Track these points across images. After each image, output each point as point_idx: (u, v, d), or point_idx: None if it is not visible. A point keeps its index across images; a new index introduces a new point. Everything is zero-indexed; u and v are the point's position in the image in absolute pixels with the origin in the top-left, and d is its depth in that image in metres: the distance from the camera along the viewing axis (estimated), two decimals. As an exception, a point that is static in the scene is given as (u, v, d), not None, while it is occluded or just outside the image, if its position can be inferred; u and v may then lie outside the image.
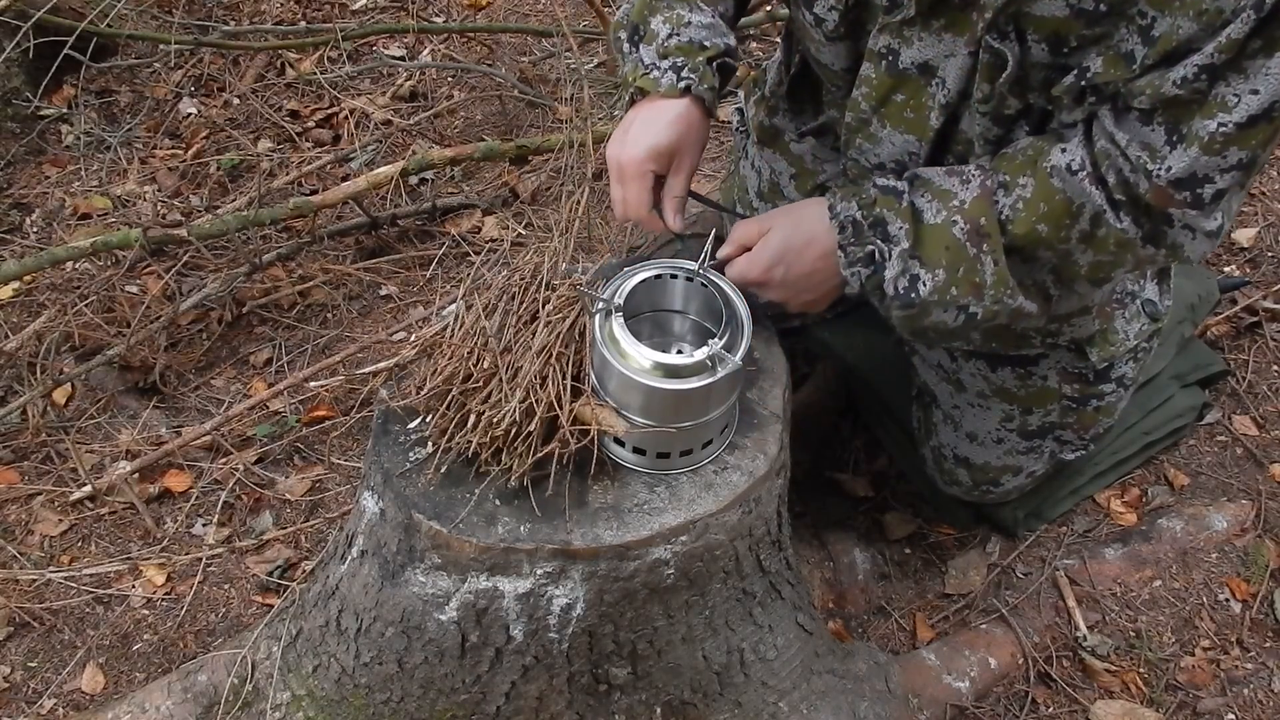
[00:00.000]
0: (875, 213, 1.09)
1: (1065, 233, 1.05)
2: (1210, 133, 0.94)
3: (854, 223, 1.09)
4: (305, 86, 2.59)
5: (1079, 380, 1.37)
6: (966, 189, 1.07)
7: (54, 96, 2.52)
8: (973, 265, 1.07)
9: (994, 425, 1.44)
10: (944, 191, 1.08)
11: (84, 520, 1.70)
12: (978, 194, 1.07)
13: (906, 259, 1.08)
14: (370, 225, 2.19)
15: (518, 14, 2.77)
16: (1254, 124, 0.93)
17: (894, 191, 1.10)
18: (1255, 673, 1.45)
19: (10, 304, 2.05)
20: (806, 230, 1.12)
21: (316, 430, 1.83)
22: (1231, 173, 0.97)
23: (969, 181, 1.08)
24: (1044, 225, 1.05)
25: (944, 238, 1.07)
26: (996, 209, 1.06)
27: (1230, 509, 1.60)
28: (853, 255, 1.09)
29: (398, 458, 1.07)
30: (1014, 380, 1.39)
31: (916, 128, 1.16)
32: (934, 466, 1.55)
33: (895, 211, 1.08)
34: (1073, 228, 1.05)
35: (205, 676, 1.33)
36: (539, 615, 1.04)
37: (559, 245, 1.14)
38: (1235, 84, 0.92)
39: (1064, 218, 1.04)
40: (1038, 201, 1.05)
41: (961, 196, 1.07)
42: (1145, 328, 1.36)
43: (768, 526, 1.13)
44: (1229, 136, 0.94)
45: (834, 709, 1.27)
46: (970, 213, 1.06)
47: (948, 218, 1.07)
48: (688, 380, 0.98)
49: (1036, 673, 1.46)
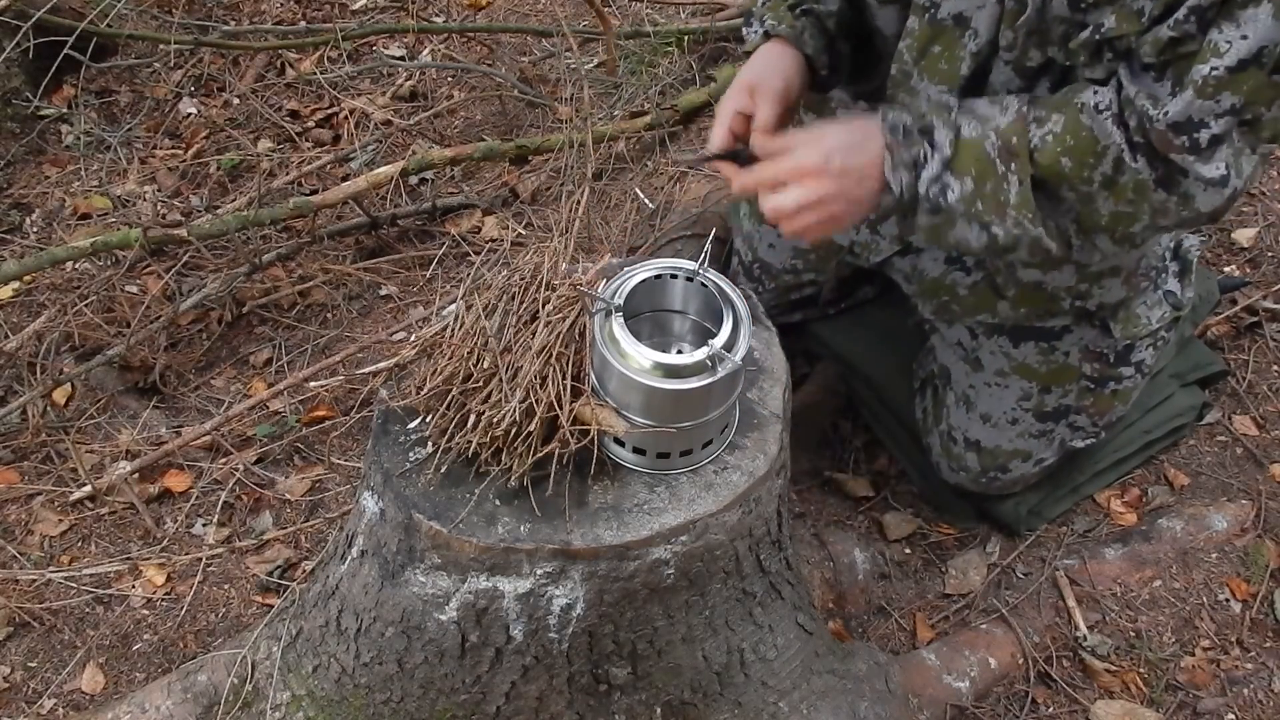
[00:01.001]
0: (925, 120, 1.13)
1: (1088, 172, 1.09)
2: (1204, 76, 1.00)
3: (904, 127, 1.13)
4: (305, 86, 2.59)
5: (1100, 360, 1.40)
6: (1004, 115, 1.12)
7: (54, 96, 2.52)
8: (999, 183, 1.11)
9: (1010, 405, 1.45)
10: (984, 116, 1.14)
11: (84, 520, 1.70)
12: (1014, 119, 1.12)
13: (942, 166, 1.12)
14: (370, 225, 2.19)
15: (518, 14, 2.77)
16: (1244, 68, 0.99)
17: (944, 106, 1.16)
18: (1255, 673, 1.45)
19: (10, 304, 2.05)
20: (862, 128, 1.14)
21: (316, 430, 1.83)
22: (1225, 118, 1.02)
23: (1008, 109, 1.13)
24: (1068, 160, 1.09)
25: (977, 150, 1.11)
26: (1028, 136, 1.11)
27: (1230, 509, 1.60)
28: (899, 158, 1.12)
29: (398, 458, 1.07)
30: (1036, 356, 1.41)
31: (949, 78, 1.23)
32: (941, 452, 1.55)
33: (944, 121, 1.13)
34: (1095, 168, 1.09)
35: (205, 676, 1.33)
36: (539, 615, 1.04)
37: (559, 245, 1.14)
38: (1227, 31, 0.98)
39: (1088, 155, 1.08)
40: (1065, 135, 1.09)
41: (998, 121, 1.12)
42: (1166, 314, 1.41)
43: (768, 526, 1.13)
44: (1220, 80, 1.00)
45: (834, 709, 1.27)
46: (1005, 132, 1.11)
47: (983, 133, 1.12)
48: (688, 380, 0.98)
49: (1036, 673, 1.46)
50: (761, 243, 1.67)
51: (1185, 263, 1.45)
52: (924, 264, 1.46)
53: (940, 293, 1.46)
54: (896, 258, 1.49)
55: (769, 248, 1.66)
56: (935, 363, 1.55)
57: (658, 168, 2.27)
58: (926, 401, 1.59)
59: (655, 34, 2.49)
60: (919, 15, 1.24)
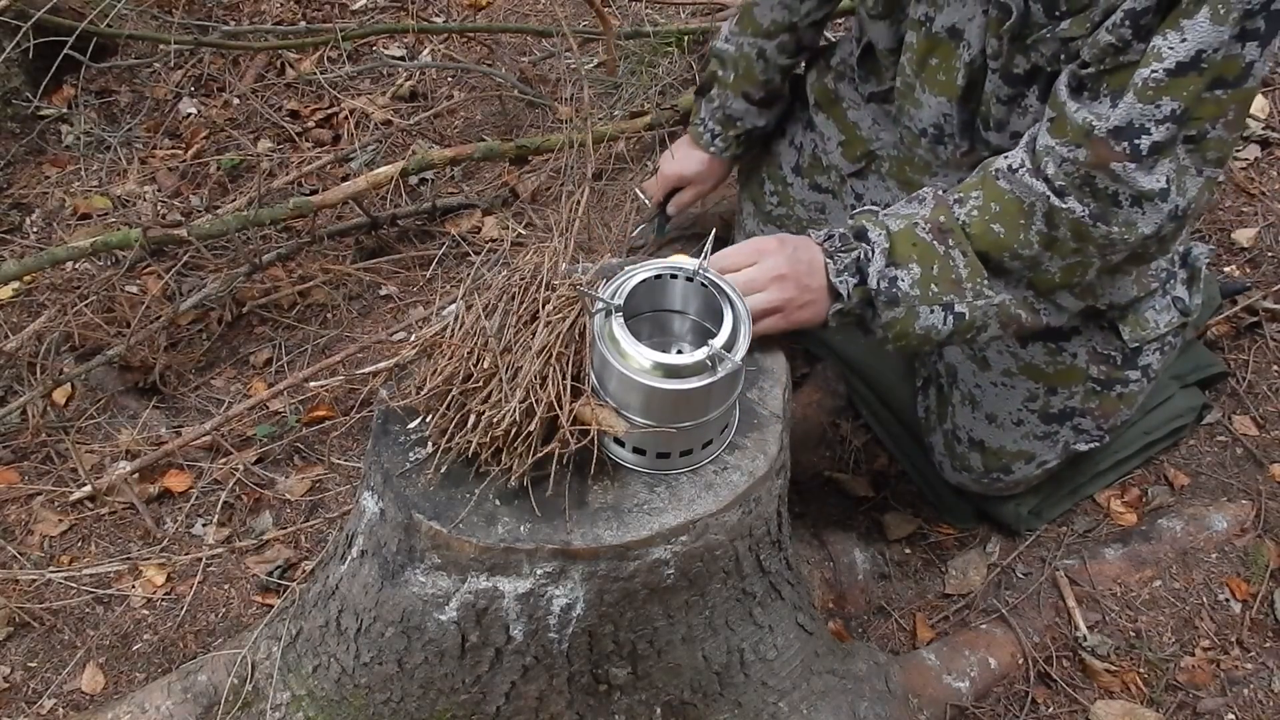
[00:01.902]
0: (855, 223, 1.18)
1: (1024, 234, 1.13)
2: (1144, 79, 1.02)
3: (840, 235, 1.18)
4: (305, 86, 2.60)
5: (1107, 362, 1.40)
6: (923, 205, 1.18)
7: (54, 96, 2.52)
8: (945, 261, 1.15)
9: (1016, 405, 1.46)
10: (906, 213, 1.19)
11: (84, 520, 1.71)
12: (934, 204, 1.17)
13: (885, 258, 1.15)
14: (370, 225, 2.19)
15: (518, 14, 2.77)
16: (1183, 71, 1.01)
17: (869, 211, 1.21)
18: (1255, 673, 1.45)
19: (10, 304, 2.05)
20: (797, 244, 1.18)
21: (316, 430, 1.83)
22: (1166, 124, 1.03)
23: (924, 200, 1.19)
24: (999, 225, 1.13)
25: (910, 236, 1.15)
26: (954, 214, 1.16)
27: (1230, 509, 1.60)
28: (841, 262, 1.16)
29: (398, 458, 1.07)
30: (1044, 356, 1.41)
31: (948, 89, 1.29)
32: (944, 452, 1.56)
33: (872, 222, 1.18)
34: (1029, 228, 1.13)
35: (205, 676, 1.33)
36: (539, 615, 1.04)
37: (559, 245, 1.14)
38: (1170, 37, 1.00)
39: (1017, 216, 1.13)
40: (989, 203, 1.14)
41: (921, 211, 1.18)
42: (1174, 320, 1.42)
43: (768, 526, 1.13)
44: (1160, 84, 1.01)
45: (834, 709, 1.27)
46: (931, 216, 1.16)
47: (910, 223, 1.17)
48: (688, 380, 0.98)
49: (1036, 673, 1.46)
50: None
51: (1194, 270, 1.45)
52: None
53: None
54: None
55: None
56: (941, 361, 1.55)
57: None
58: (930, 400, 1.59)
59: (655, 34, 2.49)
60: (915, 30, 1.28)
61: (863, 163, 1.55)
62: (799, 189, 1.65)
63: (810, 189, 1.64)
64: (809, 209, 1.65)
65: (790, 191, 1.66)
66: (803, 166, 1.64)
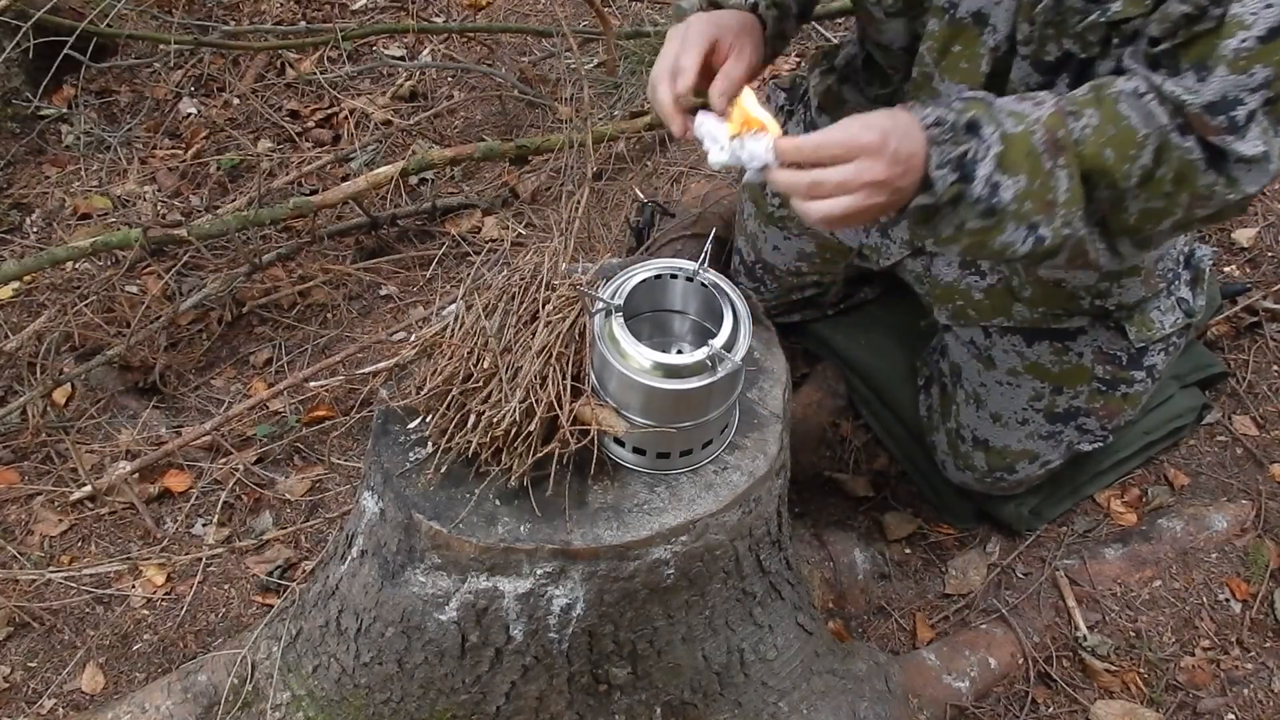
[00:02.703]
0: (968, 113, 1.03)
1: (1128, 165, 1.04)
2: (1234, 49, 0.98)
3: (951, 124, 1.02)
4: (305, 86, 2.59)
5: (1113, 362, 1.40)
6: (1040, 108, 1.05)
7: (54, 96, 2.52)
8: (1047, 179, 1.04)
9: (1021, 405, 1.45)
10: (1018, 112, 1.05)
11: (84, 520, 1.70)
12: (1052, 110, 1.04)
13: (996, 163, 1.02)
14: (370, 225, 2.19)
15: (518, 14, 2.77)
16: (1274, 37, 0.97)
17: (982, 100, 1.06)
18: (1255, 673, 1.45)
19: (10, 304, 2.05)
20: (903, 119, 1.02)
21: (316, 430, 1.83)
22: (1259, 92, 1.00)
23: (1042, 103, 1.06)
24: (1111, 151, 1.04)
25: (1025, 145, 1.03)
26: (1069, 129, 1.04)
27: (1230, 509, 1.60)
28: (944, 154, 1.01)
29: (398, 458, 1.07)
30: (1050, 355, 1.41)
31: (970, 76, 1.22)
32: (948, 451, 1.55)
33: (987, 115, 1.04)
34: (1136, 160, 1.04)
35: (205, 676, 1.33)
36: (539, 615, 1.04)
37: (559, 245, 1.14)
38: (1250, 4, 0.96)
39: (1129, 146, 1.03)
40: (1106, 125, 1.03)
41: (1036, 114, 1.04)
42: (1179, 320, 1.41)
43: (768, 526, 1.13)
44: (1252, 52, 0.98)
45: (834, 709, 1.27)
46: (1048, 124, 1.03)
47: (1027, 128, 1.03)
48: (688, 380, 0.98)
49: (1036, 673, 1.46)
50: (766, 244, 1.67)
51: (1197, 271, 1.45)
52: (938, 268, 1.46)
53: (955, 298, 1.45)
54: (908, 259, 1.49)
55: (774, 249, 1.66)
56: (945, 360, 1.55)
57: (658, 168, 2.27)
58: (932, 399, 1.59)
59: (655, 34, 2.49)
60: (938, 16, 1.22)
61: None
62: None
63: None
64: None
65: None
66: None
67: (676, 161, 2.29)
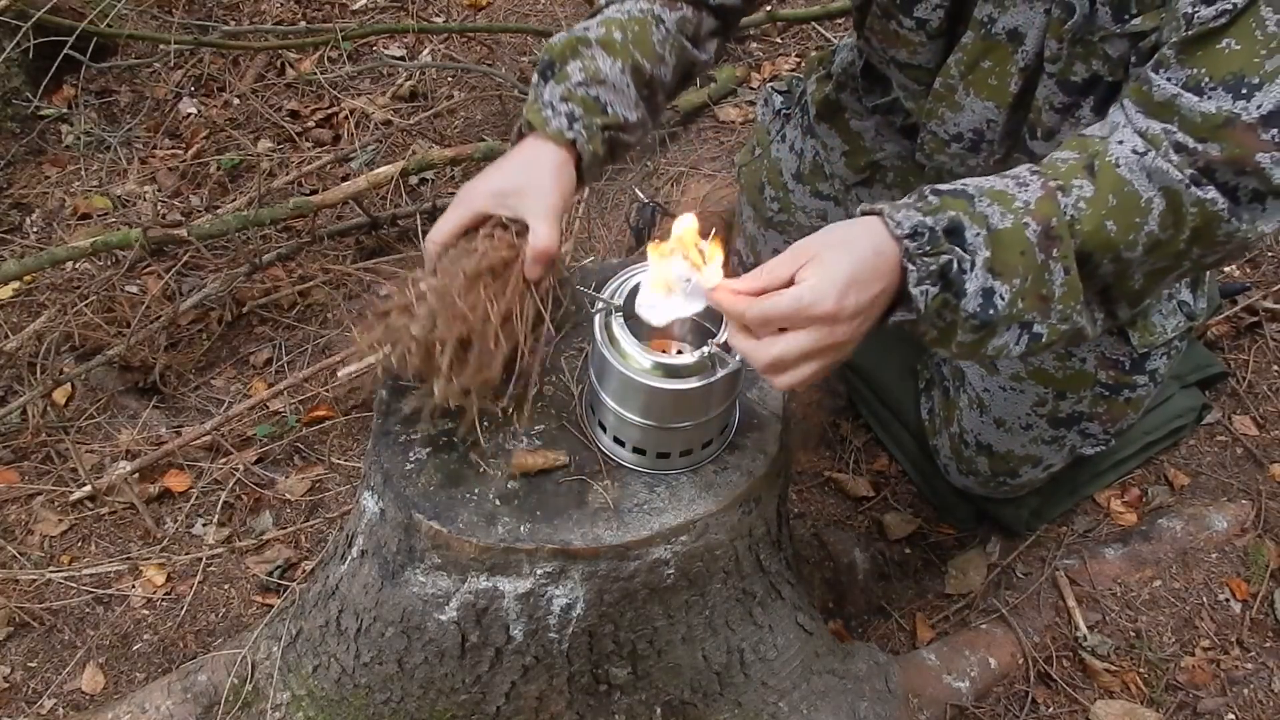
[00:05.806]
0: (948, 216, 0.92)
1: (1134, 234, 0.94)
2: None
3: (927, 230, 0.90)
4: (305, 86, 2.59)
5: (1115, 367, 1.39)
6: (1026, 190, 0.94)
7: (54, 96, 2.52)
8: (1040, 275, 0.93)
9: (1025, 410, 1.45)
10: (1000, 193, 0.94)
11: (84, 520, 1.70)
12: (1041, 193, 0.93)
13: (986, 270, 0.92)
14: (370, 225, 2.19)
15: (518, 14, 2.77)
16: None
17: (961, 194, 0.94)
18: (1255, 673, 1.45)
19: (10, 304, 2.05)
20: (868, 242, 0.91)
21: (316, 430, 1.83)
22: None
23: (1026, 183, 0.95)
24: (1113, 223, 0.94)
25: (1019, 241, 0.92)
26: (1062, 209, 0.94)
27: (1230, 509, 1.60)
28: (924, 269, 0.90)
29: (398, 458, 1.07)
30: (1053, 361, 1.40)
31: (998, 94, 1.20)
32: (950, 455, 1.55)
33: (969, 216, 0.92)
34: (1142, 227, 0.94)
35: (205, 676, 1.33)
36: (539, 615, 1.04)
37: None
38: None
39: (1134, 214, 0.94)
40: (1105, 195, 0.94)
41: (1023, 198, 0.94)
42: (1181, 324, 1.40)
43: (768, 526, 1.13)
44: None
45: (834, 709, 1.27)
46: (1040, 212, 0.93)
47: (1018, 220, 0.92)
48: (687, 380, 0.98)
49: (1036, 673, 1.46)
50: (766, 246, 1.67)
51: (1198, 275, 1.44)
52: None
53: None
54: None
55: (773, 252, 1.66)
56: (946, 364, 1.55)
57: (657, 168, 2.27)
58: (933, 403, 1.58)
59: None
60: (975, 30, 1.17)
61: (867, 173, 1.53)
62: (800, 196, 1.64)
63: (812, 196, 1.63)
64: (810, 216, 1.64)
65: (791, 198, 1.65)
66: (803, 173, 1.62)
67: (676, 161, 2.29)
